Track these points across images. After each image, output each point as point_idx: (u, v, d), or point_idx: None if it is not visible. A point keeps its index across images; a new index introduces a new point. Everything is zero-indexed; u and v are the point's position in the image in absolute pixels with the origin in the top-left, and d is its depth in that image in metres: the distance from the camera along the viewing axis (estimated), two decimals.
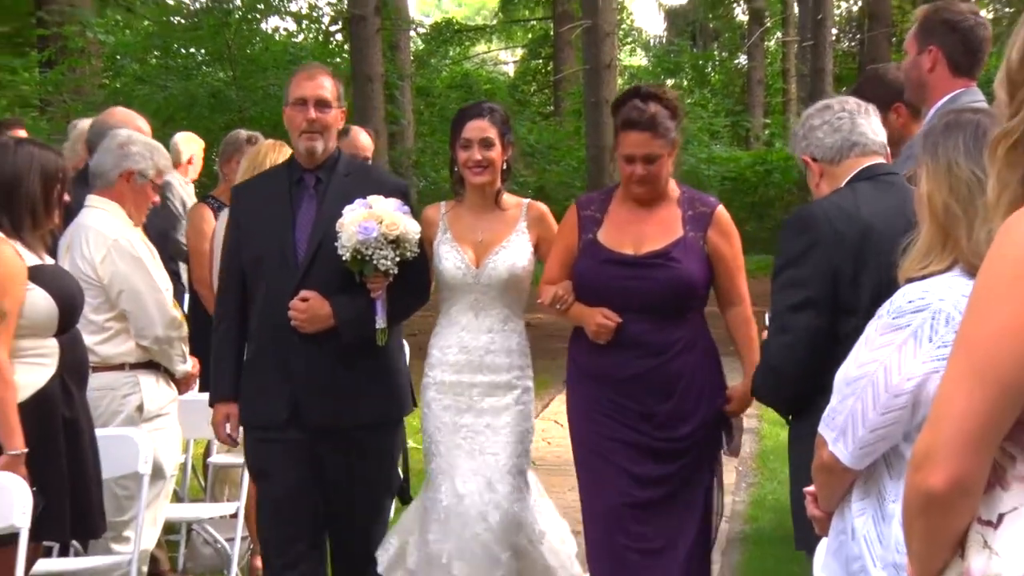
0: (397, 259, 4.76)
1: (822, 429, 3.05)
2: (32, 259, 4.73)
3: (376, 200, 4.79)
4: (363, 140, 8.17)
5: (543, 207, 5.32)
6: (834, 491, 3.14)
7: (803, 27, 26.50)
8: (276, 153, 6.43)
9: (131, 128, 6.32)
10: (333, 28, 23.79)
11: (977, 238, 2.74)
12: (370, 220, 4.69)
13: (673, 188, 4.97)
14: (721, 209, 4.99)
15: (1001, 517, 2.10)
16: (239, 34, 21.59)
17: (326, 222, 4.83)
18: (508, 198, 5.25)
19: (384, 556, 5.13)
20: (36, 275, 4.70)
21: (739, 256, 5.04)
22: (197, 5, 23.20)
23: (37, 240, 4.83)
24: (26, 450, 4.59)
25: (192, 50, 21.54)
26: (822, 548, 3.25)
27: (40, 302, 4.70)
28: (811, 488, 3.27)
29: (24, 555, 4.67)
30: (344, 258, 4.72)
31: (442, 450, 5.08)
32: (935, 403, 2.13)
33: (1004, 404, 2.03)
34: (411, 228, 4.80)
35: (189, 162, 7.95)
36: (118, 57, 21.29)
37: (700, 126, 26.29)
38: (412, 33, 25.35)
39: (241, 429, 5.11)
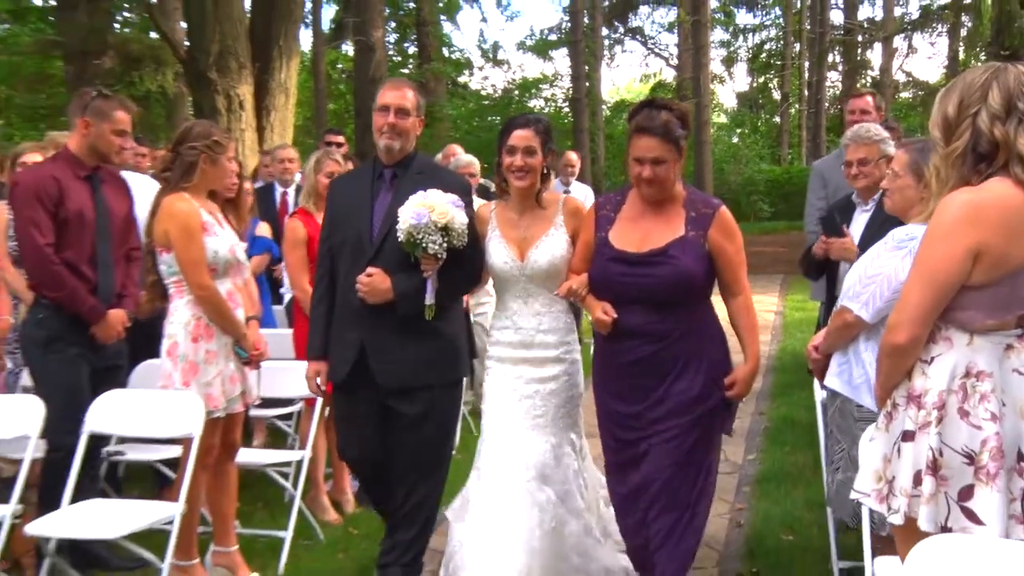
0: (445, 244, 3.17)
1: (847, 303, 2.85)
2: None
3: (433, 192, 3.21)
4: (572, 157, 8.08)
5: (578, 201, 3.42)
6: (844, 341, 2.93)
7: (810, 101, 25.42)
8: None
9: (452, 154, 6.36)
10: (563, 104, 23.82)
11: None
12: (423, 208, 3.14)
13: (679, 191, 3.11)
14: (723, 210, 3.09)
15: (932, 359, 2.07)
16: (516, 109, 22.06)
17: (397, 211, 3.24)
18: (548, 196, 3.37)
19: (452, 506, 3.36)
20: None
21: (740, 251, 3.10)
22: (496, 95, 23.67)
23: None
24: None
25: (492, 117, 21.97)
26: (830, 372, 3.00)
27: None
28: (815, 343, 3.05)
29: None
30: (400, 239, 3.17)
31: (495, 409, 3.33)
32: (901, 295, 2.07)
33: (939, 297, 2.00)
34: (459, 219, 3.18)
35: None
36: (457, 122, 21.66)
37: (754, 153, 25.06)
38: (603, 107, 24.96)
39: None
